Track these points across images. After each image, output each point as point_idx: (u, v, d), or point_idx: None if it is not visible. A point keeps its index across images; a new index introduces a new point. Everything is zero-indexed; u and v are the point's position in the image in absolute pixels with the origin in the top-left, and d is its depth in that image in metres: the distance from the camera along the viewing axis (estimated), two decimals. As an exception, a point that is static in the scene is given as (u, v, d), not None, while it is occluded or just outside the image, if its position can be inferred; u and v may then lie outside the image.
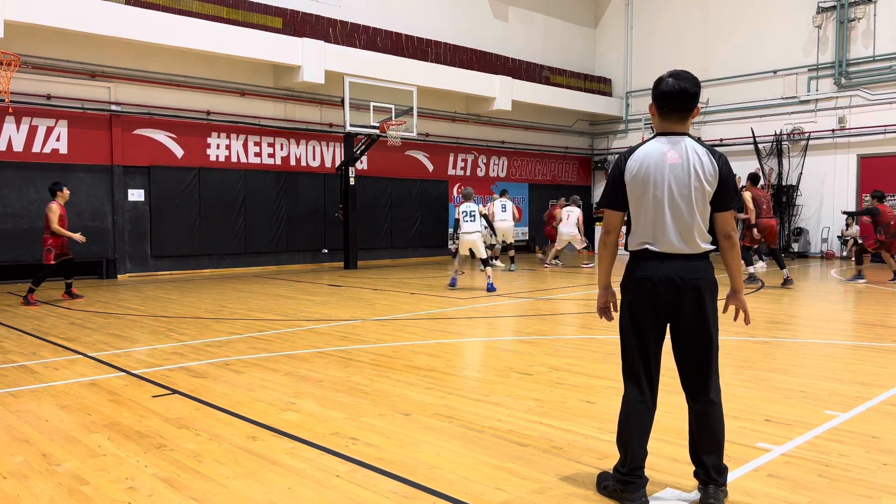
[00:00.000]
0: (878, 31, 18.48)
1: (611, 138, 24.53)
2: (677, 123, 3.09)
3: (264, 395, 4.92)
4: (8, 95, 11.15)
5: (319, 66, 15.90)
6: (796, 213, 19.96)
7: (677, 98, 3.04)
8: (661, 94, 3.06)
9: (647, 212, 3.08)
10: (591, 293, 11.20)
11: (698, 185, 3.02)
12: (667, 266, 3.05)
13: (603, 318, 3.37)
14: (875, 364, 5.87)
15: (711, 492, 3.00)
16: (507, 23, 21.80)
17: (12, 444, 3.90)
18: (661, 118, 3.12)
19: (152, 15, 13.50)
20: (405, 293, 11.26)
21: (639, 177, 3.07)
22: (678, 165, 3.03)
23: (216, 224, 15.51)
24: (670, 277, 3.04)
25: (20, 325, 8.19)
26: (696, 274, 3.04)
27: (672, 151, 3.05)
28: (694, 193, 3.03)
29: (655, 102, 3.11)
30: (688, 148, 3.05)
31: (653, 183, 3.05)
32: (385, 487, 3.25)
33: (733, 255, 3.13)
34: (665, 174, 3.04)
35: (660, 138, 3.11)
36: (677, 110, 3.07)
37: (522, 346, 6.79)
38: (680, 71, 3.10)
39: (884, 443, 3.84)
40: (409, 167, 19.37)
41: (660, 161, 3.04)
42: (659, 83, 3.09)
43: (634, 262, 3.17)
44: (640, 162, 3.07)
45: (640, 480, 3.08)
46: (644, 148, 3.11)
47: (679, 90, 3.03)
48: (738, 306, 3.20)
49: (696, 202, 3.03)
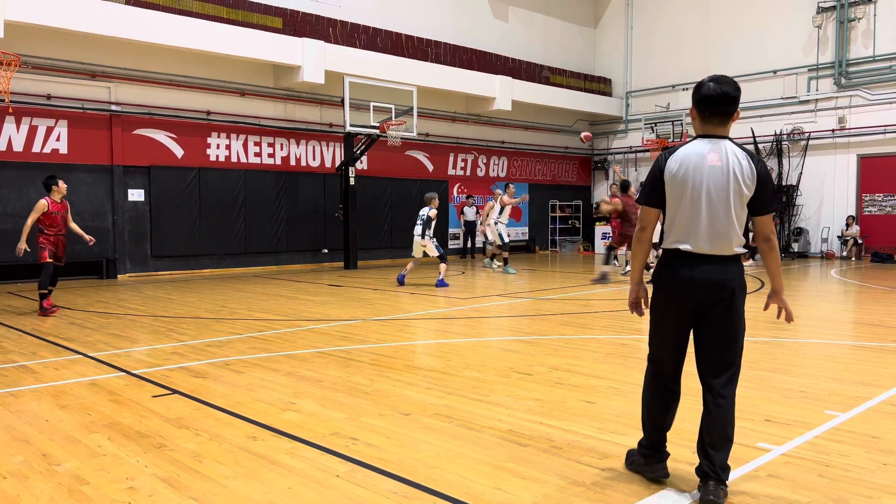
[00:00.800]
0: (878, 31, 18.49)
1: (611, 138, 24.53)
2: (718, 126, 3.16)
3: (264, 395, 4.92)
4: (8, 95, 11.15)
5: (319, 66, 15.90)
6: (796, 213, 19.97)
7: (719, 102, 3.11)
8: (703, 97, 3.14)
9: (683, 211, 3.15)
10: (590, 293, 11.20)
11: (737, 187, 3.09)
12: (700, 268, 3.12)
13: (634, 312, 3.45)
14: (875, 364, 5.87)
15: (712, 488, 3.02)
16: (507, 23, 21.80)
17: (12, 444, 3.90)
18: (702, 121, 3.19)
19: (152, 15, 13.50)
20: (405, 293, 11.26)
21: (678, 177, 3.14)
22: (717, 168, 3.10)
23: (216, 224, 15.51)
24: (703, 279, 3.11)
25: (20, 325, 8.19)
26: (728, 276, 3.12)
27: (712, 154, 3.11)
28: (732, 196, 3.09)
29: (697, 106, 3.18)
30: (728, 151, 3.11)
31: (691, 183, 3.12)
32: (385, 487, 3.25)
33: (773, 257, 3.21)
34: (704, 176, 3.10)
35: (701, 140, 3.18)
36: (719, 114, 3.14)
37: (522, 346, 6.79)
38: (721, 76, 3.17)
39: (884, 443, 3.84)
40: (409, 167, 19.37)
41: (699, 162, 3.11)
42: (700, 87, 3.16)
43: (668, 261, 3.24)
44: (681, 162, 3.14)
45: (660, 455, 3.29)
46: (685, 149, 3.18)
47: (721, 94, 3.10)
48: (779, 305, 3.29)
49: (734, 204, 3.10)
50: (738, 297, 3.13)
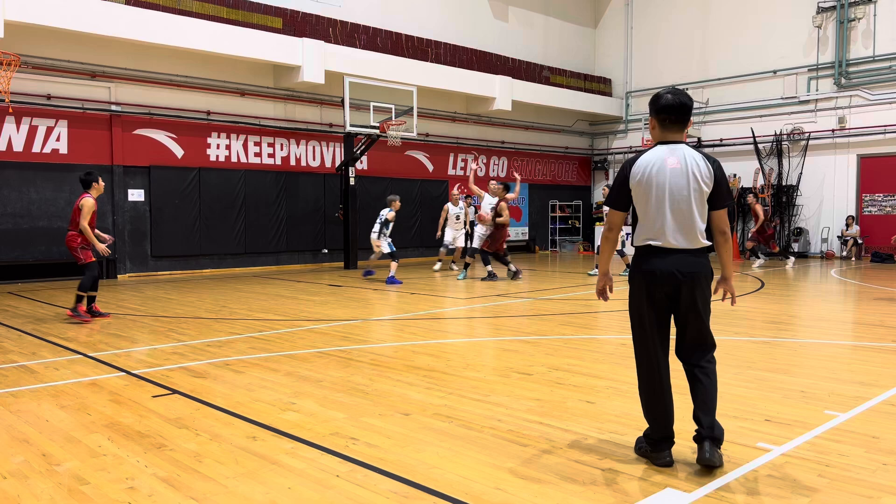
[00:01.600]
0: (878, 31, 18.49)
1: (611, 138, 24.53)
2: (676, 133, 3.52)
3: (264, 395, 4.92)
4: (8, 95, 11.16)
5: (319, 66, 15.90)
6: (796, 213, 19.97)
7: (678, 110, 3.47)
8: (664, 107, 3.48)
9: (650, 212, 3.46)
10: (588, 293, 11.20)
11: (696, 186, 3.41)
12: (668, 260, 3.43)
13: (600, 298, 3.75)
14: (875, 364, 5.87)
15: (707, 447, 3.34)
16: (507, 23, 21.80)
17: (12, 444, 3.90)
18: (661, 129, 3.54)
19: (152, 15, 13.50)
20: (405, 293, 11.26)
21: (643, 181, 3.45)
22: (678, 170, 3.42)
23: (216, 224, 15.51)
24: (671, 270, 3.42)
25: (20, 325, 8.19)
26: (694, 268, 3.43)
27: (672, 157, 3.44)
28: (693, 194, 3.42)
29: (657, 115, 3.52)
30: (686, 154, 3.45)
31: (655, 186, 3.43)
32: (385, 487, 3.25)
33: (727, 249, 3.59)
34: (667, 178, 3.42)
35: (660, 146, 3.51)
36: (677, 122, 3.50)
37: (522, 346, 6.79)
38: (675, 88, 3.60)
39: (884, 443, 3.84)
40: (409, 167, 19.37)
41: (661, 166, 3.43)
42: (659, 99, 3.51)
43: (639, 256, 3.54)
44: (644, 167, 3.46)
45: (666, 443, 3.50)
46: (647, 155, 3.49)
47: (679, 104, 3.47)
48: (726, 290, 3.63)
49: (695, 202, 3.42)
50: (702, 283, 3.46)
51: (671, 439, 3.51)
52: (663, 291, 3.45)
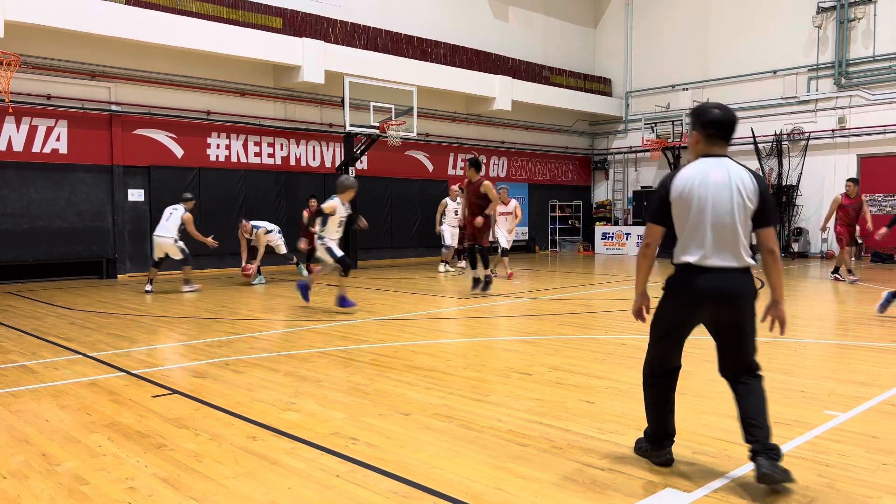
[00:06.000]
0: (878, 31, 18.48)
1: (611, 138, 24.53)
2: (721, 147, 3.35)
3: (264, 395, 4.92)
4: (8, 95, 11.15)
5: (319, 66, 15.90)
6: (796, 213, 19.97)
7: (725, 126, 3.32)
8: (713, 121, 3.31)
9: (691, 228, 3.29)
10: (588, 293, 11.19)
11: (740, 201, 3.25)
12: (709, 279, 3.25)
13: (637, 319, 3.57)
14: (875, 364, 5.87)
15: (764, 462, 3.13)
16: (507, 23, 21.79)
17: (12, 444, 3.90)
18: (706, 143, 3.35)
19: (152, 15, 13.50)
20: (405, 293, 11.26)
21: (684, 195, 3.29)
22: (721, 184, 3.26)
23: (216, 224, 15.48)
24: (712, 290, 3.25)
25: (20, 325, 8.19)
26: (737, 287, 3.25)
27: (715, 171, 3.28)
28: (736, 210, 3.25)
29: (704, 129, 3.34)
30: (730, 168, 3.29)
31: (697, 199, 3.27)
32: (385, 487, 3.25)
33: (776, 269, 3.35)
34: (709, 192, 3.26)
35: (703, 160, 3.35)
36: (724, 137, 3.34)
37: (522, 346, 6.79)
38: (721, 104, 3.41)
39: (884, 443, 3.84)
40: (409, 167, 19.37)
41: (704, 180, 3.27)
42: (706, 112, 3.34)
43: (678, 275, 3.36)
44: (686, 181, 3.30)
45: (666, 442, 3.49)
46: (689, 168, 3.35)
47: (728, 119, 3.32)
48: (775, 316, 3.42)
49: (739, 218, 3.25)
50: (750, 304, 3.28)
51: (672, 437, 3.50)
52: (703, 313, 3.30)
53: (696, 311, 3.31)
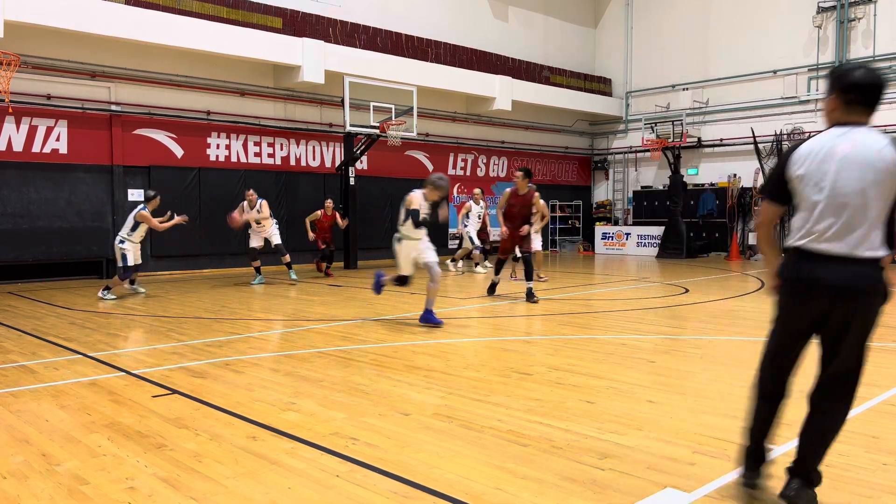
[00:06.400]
0: (878, 31, 18.48)
1: (611, 138, 24.54)
2: (861, 116, 2.83)
3: (264, 395, 4.92)
4: (8, 95, 11.15)
5: (319, 66, 15.90)
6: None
7: (869, 90, 2.80)
8: (855, 84, 2.79)
9: (809, 208, 2.86)
10: (588, 293, 11.19)
11: (874, 178, 2.72)
12: (824, 269, 2.80)
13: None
14: (875, 364, 5.87)
15: (794, 484, 2.96)
16: (507, 23, 21.80)
17: (12, 444, 3.90)
18: (844, 109, 2.84)
19: (152, 15, 13.51)
20: (405, 293, 11.25)
21: (804, 169, 2.85)
22: (851, 158, 2.75)
23: (216, 224, 15.49)
24: (827, 282, 2.78)
25: (20, 325, 8.19)
26: (858, 281, 2.76)
27: (845, 143, 2.77)
28: (869, 188, 2.73)
29: (843, 94, 2.82)
30: (866, 139, 2.76)
31: (819, 176, 2.80)
32: (385, 487, 3.25)
33: None
34: (833, 166, 2.77)
35: (833, 129, 2.85)
36: (866, 102, 2.81)
37: (522, 346, 6.79)
38: (865, 65, 2.91)
39: (884, 443, 3.84)
40: (409, 167, 19.36)
41: (829, 153, 2.79)
42: (845, 75, 2.82)
43: (792, 260, 2.93)
44: (809, 153, 2.84)
45: (756, 464, 3.13)
46: (814, 139, 2.87)
47: (873, 82, 2.79)
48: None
49: (870, 198, 2.73)
50: (870, 304, 2.78)
51: (761, 457, 3.14)
52: (815, 307, 2.82)
53: (809, 304, 2.84)
